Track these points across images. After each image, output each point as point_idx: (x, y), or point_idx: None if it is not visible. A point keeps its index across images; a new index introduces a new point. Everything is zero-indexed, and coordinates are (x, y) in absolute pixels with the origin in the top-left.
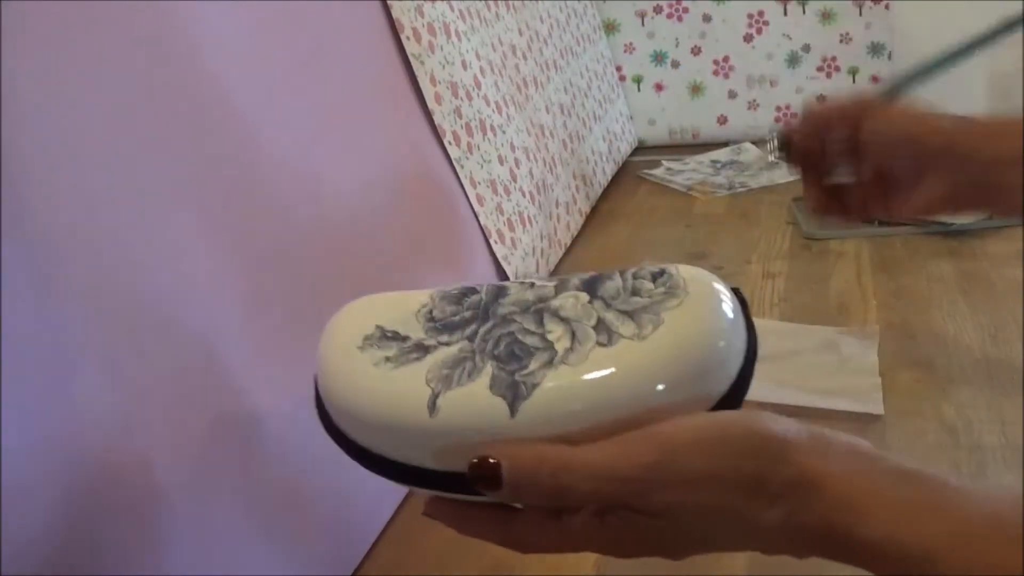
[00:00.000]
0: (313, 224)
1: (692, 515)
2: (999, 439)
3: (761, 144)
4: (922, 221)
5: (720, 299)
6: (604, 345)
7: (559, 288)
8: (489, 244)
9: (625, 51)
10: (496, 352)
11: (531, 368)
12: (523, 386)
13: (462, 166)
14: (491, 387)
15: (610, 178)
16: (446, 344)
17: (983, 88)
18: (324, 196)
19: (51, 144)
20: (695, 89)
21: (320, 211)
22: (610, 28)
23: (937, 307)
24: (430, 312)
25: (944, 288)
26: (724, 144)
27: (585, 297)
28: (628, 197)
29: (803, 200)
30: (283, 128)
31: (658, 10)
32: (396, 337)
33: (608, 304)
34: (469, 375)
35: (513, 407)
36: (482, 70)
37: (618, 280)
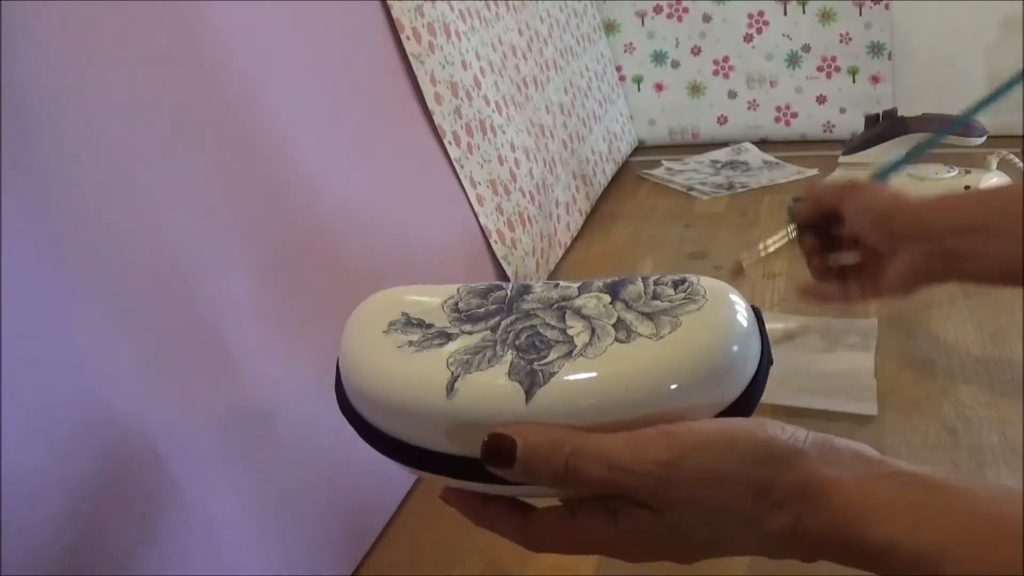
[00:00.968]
0: (313, 223)
1: (699, 516)
2: (999, 439)
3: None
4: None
5: (737, 308)
6: (622, 342)
7: (582, 289)
8: (489, 244)
9: (625, 51)
10: (517, 343)
11: (550, 358)
12: (540, 374)
13: (462, 166)
14: (509, 373)
15: (610, 178)
16: (469, 333)
17: (983, 89)
18: (323, 195)
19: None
20: (695, 89)
21: (319, 210)
22: (610, 28)
23: (937, 307)
24: (456, 304)
25: (944, 288)
26: (724, 144)
27: (607, 298)
28: (628, 197)
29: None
30: (283, 128)
31: (658, 10)
32: (421, 324)
33: (629, 306)
34: (489, 361)
35: (529, 393)
36: (482, 70)
37: (640, 285)
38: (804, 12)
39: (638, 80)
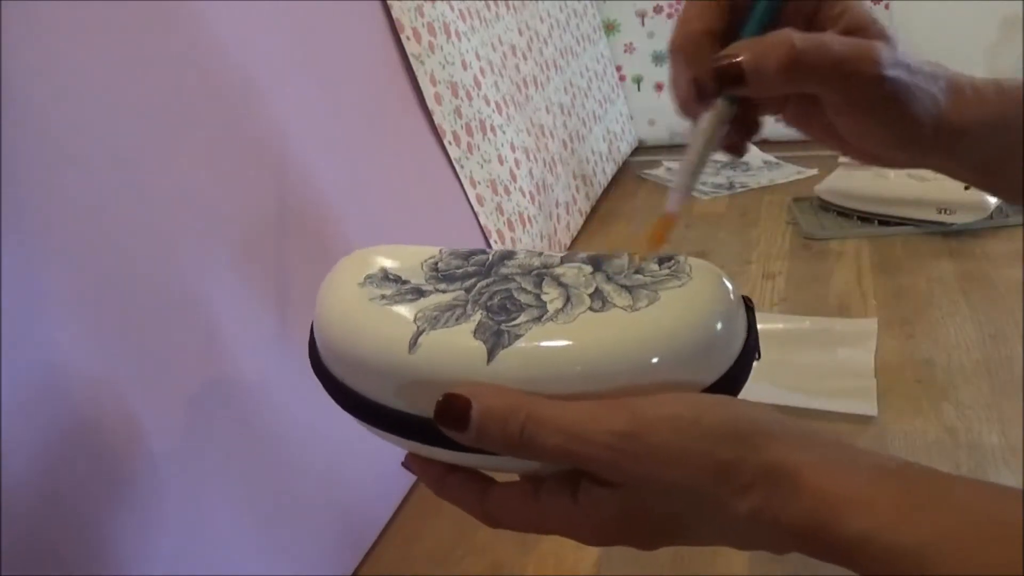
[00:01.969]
0: (313, 223)
1: (659, 494)
2: (999, 439)
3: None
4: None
5: (720, 290)
6: (595, 311)
7: (565, 259)
8: (489, 244)
9: (625, 51)
10: (489, 304)
11: (519, 321)
12: (506, 335)
13: (462, 166)
14: (475, 332)
15: (610, 178)
16: (443, 292)
17: None
18: (323, 195)
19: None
20: None
21: (319, 209)
22: (610, 28)
23: (937, 307)
24: (435, 264)
25: (944, 288)
26: None
27: (588, 269)
28: (628, 197)
29: None
30: (283, 127)
31: (658, 10)
32: (397, 280)
33: (610, 278)
34: (457, 319)
35: (492, 353)
36: (482, 70)
37: (625, 259)
38: None
39: (638, 80)
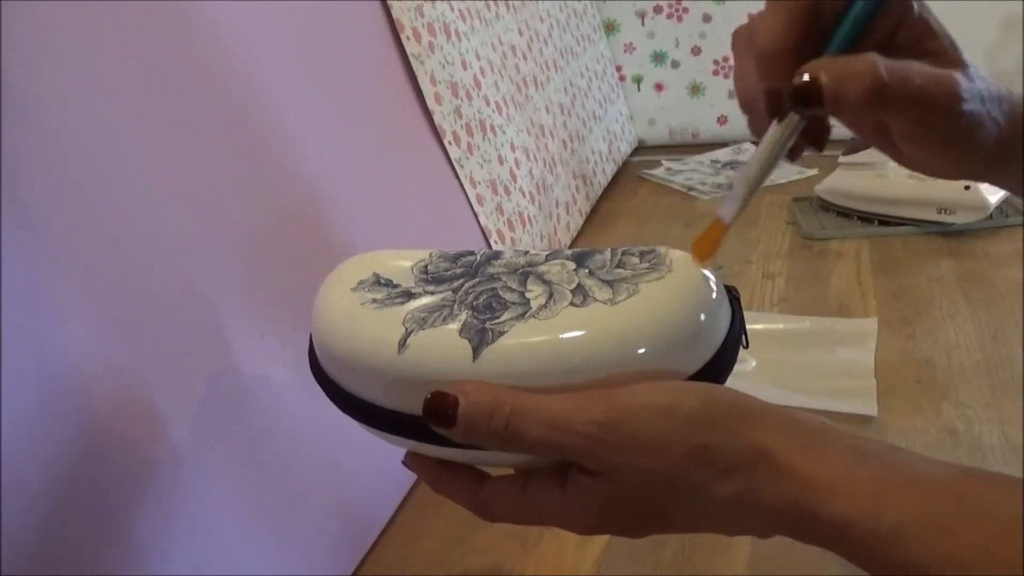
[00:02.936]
0: (312, 223)
1: (640, 482)
2: (999, 439)
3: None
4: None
5: (700, 280)
6: (577, 306)
7: (550, 257)
8: (489, 244)
9: (625, 51)
10: (475, 303)
11: (502, 319)
12: (490, 333)
13: (462, 166)
14: (460, 330)
15: (610, 178)
16: (431, 293)
17: None
18: (323, 195)
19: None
20: (695, 89)
21: (319, 209)
22: (610, 28)
23: (937, 307)
24: (425, 267)
25: (944, 288)
26: (724, 144)
27: (572, 265)
28: (628, 197)
29: None
30: (283, 127)
31: (658, 10)
32: (388, 284)
33: (592, 273)
34: (444, 320)
35: (476, 351)
36: (482, 70)
37: (607, 254)
38: None
39: (638, 80)
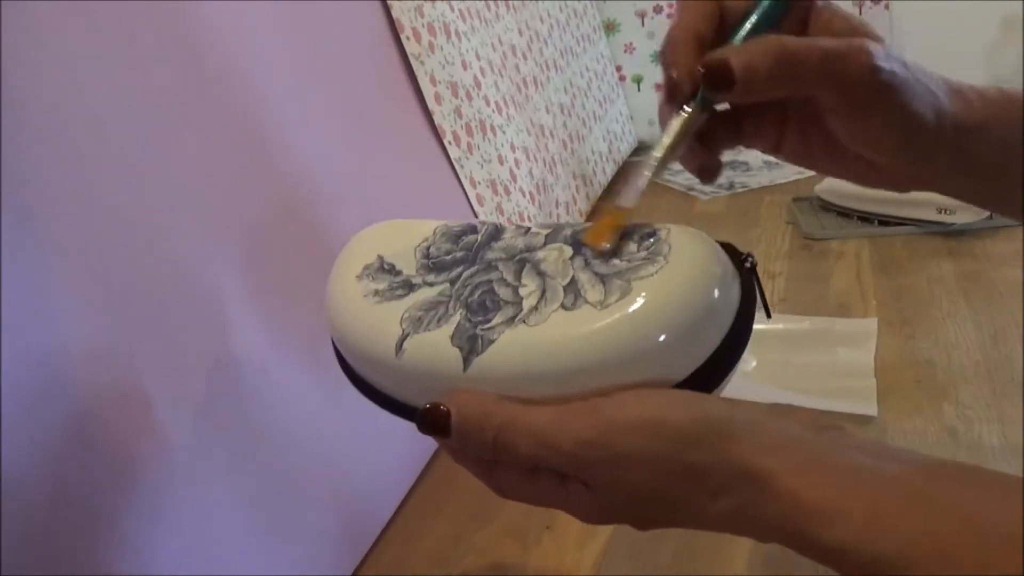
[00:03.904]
0: (312, 223)
1: (632, 494)
2: (999, 439)
3: None
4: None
5: (701, 274)
6: (567, 309)
7: (549, 238)
8: None
9: (625, 51)
10: (469, 300)
11: (493, 323)
12: (480, 340)
13: (462, 166)
14: (452, 337)
15: (610, 178)
16: (430, 284)
17: None
18: (323, 195)
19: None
20: None
21: (318, 210)
22: (610, 28)
23: (937, 307)
24: (428, 248)
25: (944, 288)
26: None
27: (569, 251)
28: None
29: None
30: (283, 127)
31: (658, 10)
32: (391, 270)
33: (587, 263)
34: (438, 321)
35: (467, 360)
36: (482, 70)
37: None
38: None
39: (638, 80)
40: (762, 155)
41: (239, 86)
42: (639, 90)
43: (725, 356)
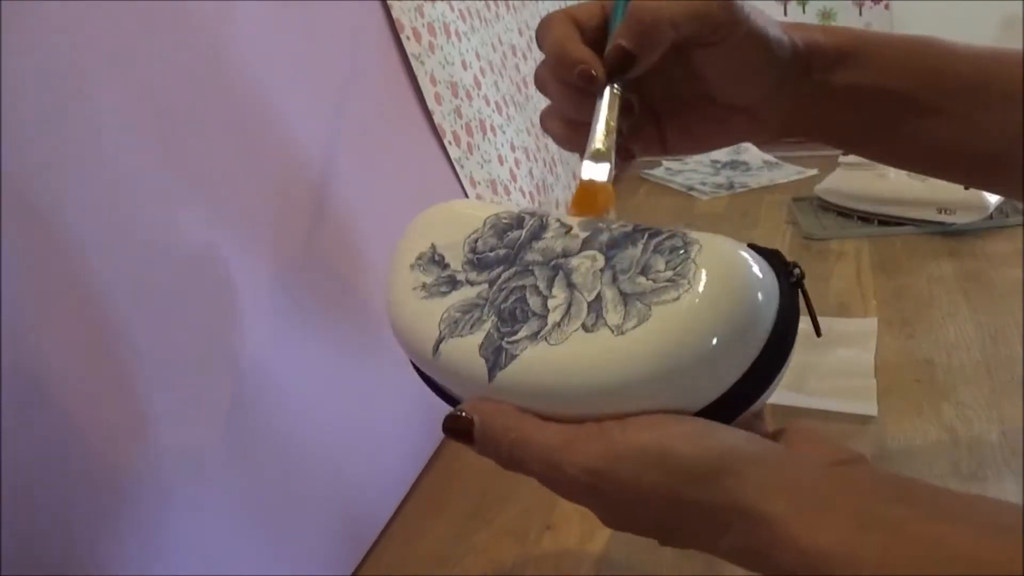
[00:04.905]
0: (312, 223)
1: (635, 519)
2: (999, 439)
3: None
4: None
5: (728, 302)
6: (586, 330)
7: (586, 243)
8: None
9: None
10: (502, 307)
11: (518, 336)
12: (504, 354)
13: (462, 166)
14: (481, 346)
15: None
16: (471, 284)
17: None
18: (322, 195)
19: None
20: None
21: (318, 209)
22: None
23: (937, 307)
24: (475, 242)
25: (944, 288)
26: None
27: (601, 261)
28: (628, 197)
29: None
30: (283, 127)
31: None
32: (440, 263)
33: (615, 278)
34: (471, 327)
35: (491, 373)
36: (482, 70)
37: (639, 249)
38: (804, 12)
39: None
40: (762, 155)
41: (237, 86)
42: None
43: (754, 383)
